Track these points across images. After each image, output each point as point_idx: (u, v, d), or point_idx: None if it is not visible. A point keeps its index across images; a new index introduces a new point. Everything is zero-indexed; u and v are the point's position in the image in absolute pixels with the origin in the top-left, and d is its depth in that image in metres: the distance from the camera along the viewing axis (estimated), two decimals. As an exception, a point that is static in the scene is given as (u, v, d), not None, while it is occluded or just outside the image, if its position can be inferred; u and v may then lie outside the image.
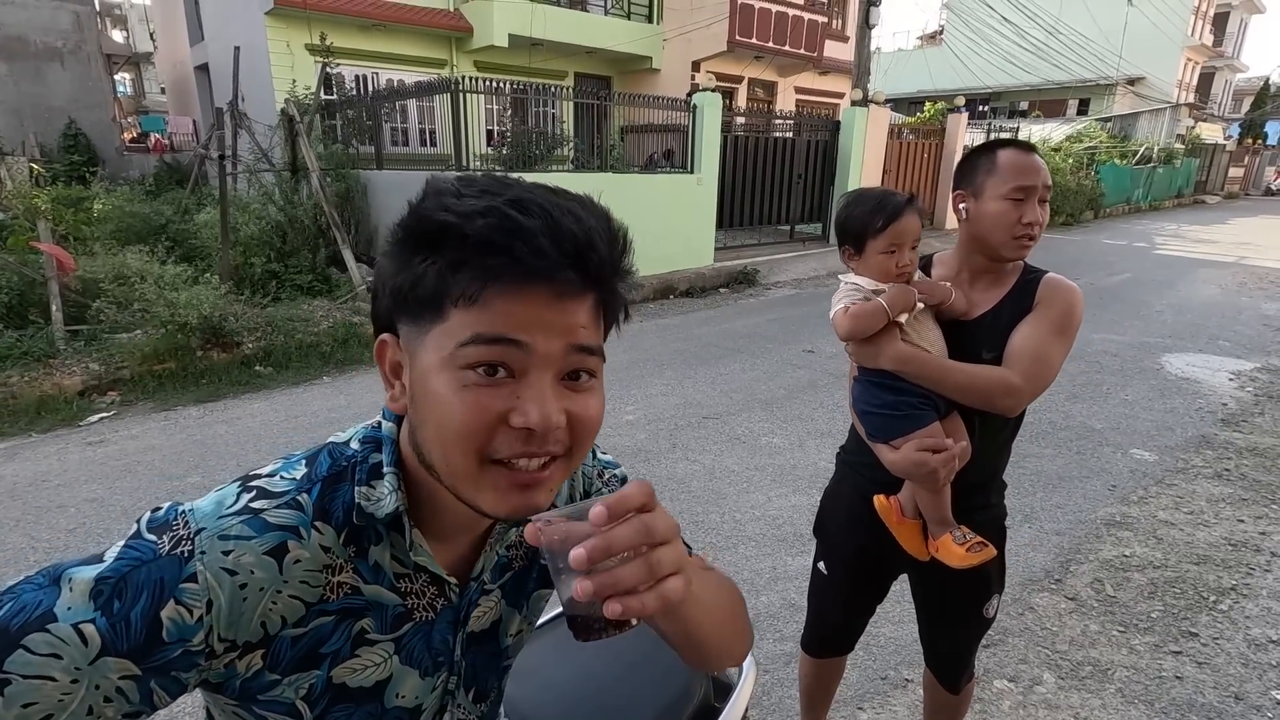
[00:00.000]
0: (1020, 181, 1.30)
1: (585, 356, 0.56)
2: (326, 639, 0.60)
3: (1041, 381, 1.31)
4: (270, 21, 10.56)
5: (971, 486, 1.44)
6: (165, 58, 18.22)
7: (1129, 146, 21.28)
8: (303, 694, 0.60)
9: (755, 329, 6.71)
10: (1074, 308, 1.35)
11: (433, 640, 0.67)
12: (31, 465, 3.72)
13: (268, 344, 5.44)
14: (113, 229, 7.82)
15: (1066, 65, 23.95)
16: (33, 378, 4.64)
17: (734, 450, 3.94)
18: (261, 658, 0.57)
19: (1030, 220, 1.31)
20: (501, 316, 0.52)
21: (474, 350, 0.52)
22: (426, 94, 8.06)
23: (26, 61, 12.49)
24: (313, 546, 0.57)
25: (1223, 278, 9.81)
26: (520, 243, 0.50)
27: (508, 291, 0.52)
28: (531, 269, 0.51)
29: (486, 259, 0.51)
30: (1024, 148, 1.34)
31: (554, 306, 0.53)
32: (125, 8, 24.71)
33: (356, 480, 0.60)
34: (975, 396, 1.30)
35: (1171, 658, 2.34)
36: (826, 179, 11.24)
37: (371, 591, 0.61)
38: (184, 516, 0.55)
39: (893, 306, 1.28)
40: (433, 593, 0.65)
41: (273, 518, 0.56)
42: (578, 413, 0.56)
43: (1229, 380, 5.31)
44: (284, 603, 0.56)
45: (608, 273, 0.55)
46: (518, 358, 0.53)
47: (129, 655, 0.50)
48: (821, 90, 17.75)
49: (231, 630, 0.54)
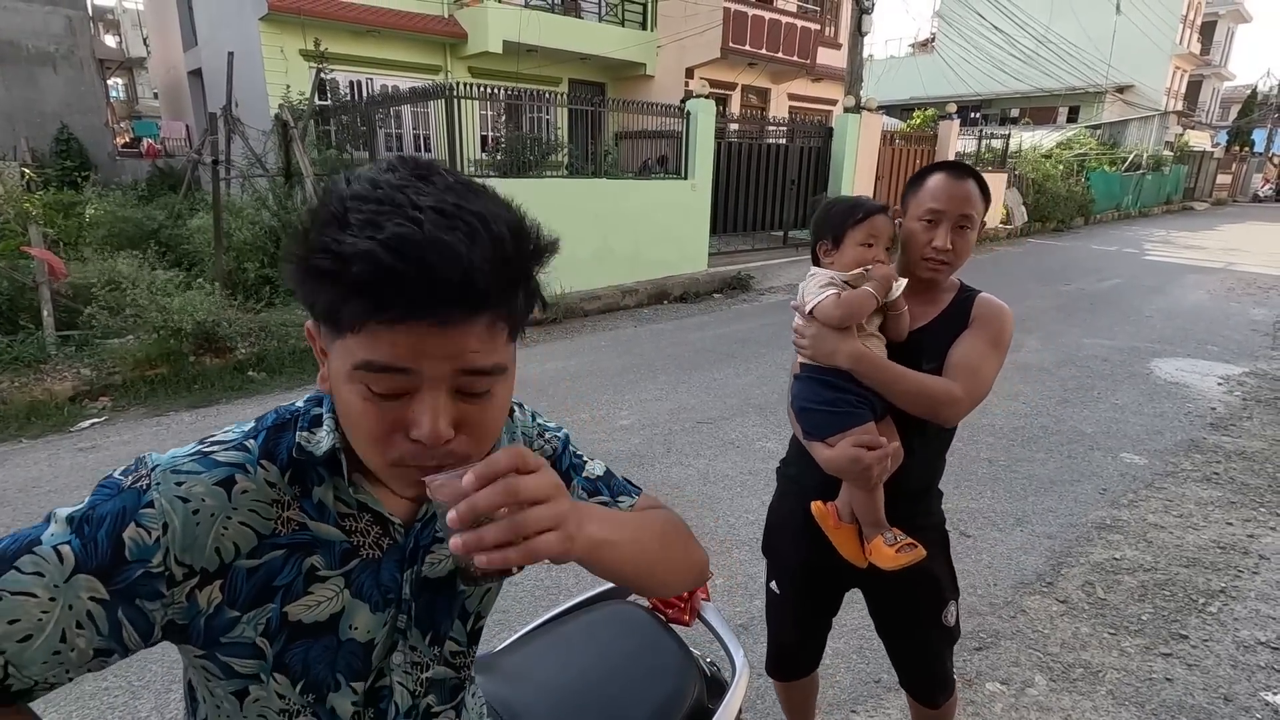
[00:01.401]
0: (931, 204, 1.36)
1: (476, 378, 0.58)
2: (278, 572, 0.64)
3: (979, 393, 1.35)
4: (264, 27, 10.56)
5: (913, 495, 1.47)
6: (158, 63, 18.18)
7: (1118, 153, 21.47)
8: (261, 630, 0.64)
9: (749, 334, 6.73)
10: (1006, 326, 1.41)
11: (380, 577, 0.69)
12: (22, 471, 3.69)
13: (261, 349, 5.43)
14: (105, 234, 7.77)
15: (1056, 73, 24.20)
16: (23, 383, 4.61)
17: (728, 455, 3.95)
18: (220, 589, 0.62)
19: (938, 245, 1.35)
20: (386, 346, 0.54)
21: (365, 374, 0.56)
22: (421, 100, 8.07)
23: (18, 66, 12.43)
24: (259, 481, 0.63)
25: (1211, 283, 9.90)
26: (391, 289, 0.51)
27: (389, 326, 0.54)
28: (407, 310, 0.53)
29: (364, 299, 0.52)
30: (958, 173, 1.37)
31: (438, 336, 0.54)
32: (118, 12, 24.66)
33: (299, 427, 0.66)
34: (922, 403, 1.33)
35: (1162, 660, 2.36)
36: (820, 185, 11.31)
37: (318, 529, 0.66)
38: (145, 461, 0.62)
39: (880, 291, 1.32)
40: (377, 531, 0.69)
41: (221, 457, 0.63)
42: (475, 421, 0.60)
43: (1218, 385, 5.36)
44: (235, 530, 0.61)
45: (494, 297, 0.55)
46: (405, 382, 0.56)
47: (97, 573, 0.56)
48: (814, 97, 17.86)
49: (188, 554, 0.59)
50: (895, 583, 1.44)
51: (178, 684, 2.19)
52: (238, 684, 0.65)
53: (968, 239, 1.39)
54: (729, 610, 2.56)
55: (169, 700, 2.13)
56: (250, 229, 7.38)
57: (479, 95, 7.27)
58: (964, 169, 1.39)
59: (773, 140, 10.98)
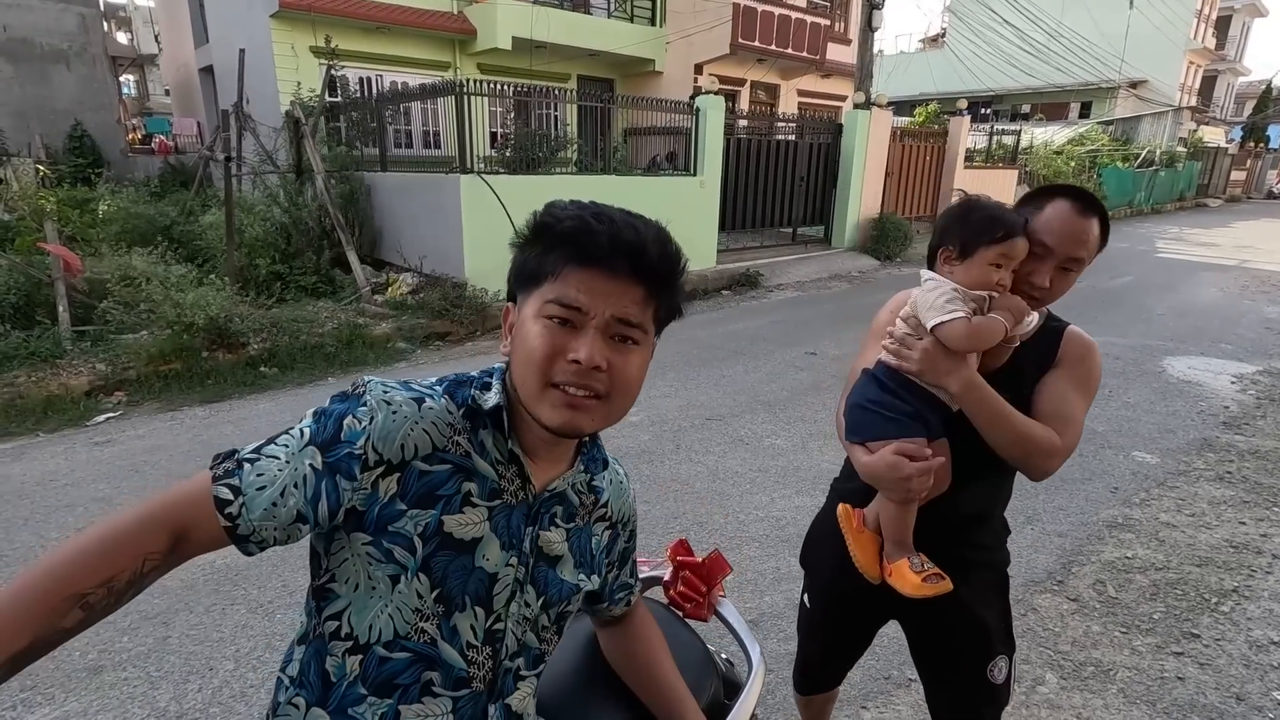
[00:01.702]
0: (1045, 238, 1.21)
1: (626, 328, 0.79)
2: (443, 484, 0.80)
3: (1074, 446, 1.24)
4: (275, 24, 10.59)
5: (962, 523, 1.34)
6: (170, 60, 18.28)
7: (1131, 149, 21.28)
8: (419, 530, 0.79)
9: (758, 331, 6.73)
10: (1096, 367, 1.29)
11: (511, 521, 0.85)
12: (39, 465, 3.74)
13: (272, 345, 5.47)
14: (118, 230, 7.84)
15: (1069, 68, 23.97)
16: (40, 378, 4.67)
17: (737, 452, 3.95)
18: (397, 482, 0.78)
19: (1036, 282, 1.22)
20: (572, 288, 0.77)
21: (552, 307, 0.77)
22: (430, 96, 8.07)
23: (32, 64, 12.54)
24: (440, 406, 0.82)
25: (1225, 281, 9.82)
26: (588, 238, 0.77)
27: (578, 270, 0.77)
28: (594, 256, 0.77)
29: (567, 247, 0.77)
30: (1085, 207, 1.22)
31: (608, 285, 0.77)
32: (130, 10, 24.80)
33: (474, 387, 0.85)
34: (1020, 449, 1.20)
35: (1173, 659, 2.36)
36: (829, 182, 11.26)
37: (477, 462, 0.83)
38: (363, 380, 0.82)
39: (1011, 323, 1.19)
40: (517, 485, 0.85)
41: (416, 386, 0.83)
42: (617, 364, 0.78)
43: (1231, 383, 5.32)
44: (418, 434, 0.79)
45: (654, 272, 0.79)
46: (578, 317, 0.77)
47: (320, 445, 0.77)
48: (824, 93, 17.76)
49: (382, 444, 0.77)
50: (935, 622, 1.33)
51: (195, 675, 2.23)
52: (394, 569, 0.79)
53: (1069, 281, 1.24)
54: (739, 606, 2.57)
55: (186, 691, 2.16)
56: (262, 225, 7.44)
57: (488, 92, 7.28)
58: (1092, 203, 1.23)
59: (782, 137, 10.93)
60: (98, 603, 0.69)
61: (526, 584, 0.86)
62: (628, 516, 1.02)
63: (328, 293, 7.13)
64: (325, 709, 0.81)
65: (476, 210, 6.94)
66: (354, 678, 0.80)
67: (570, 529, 0.92)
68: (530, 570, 0.87)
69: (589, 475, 0.94)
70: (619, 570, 1.02)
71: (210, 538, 0.75)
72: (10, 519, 3.16)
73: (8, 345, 4.94)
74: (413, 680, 0.80)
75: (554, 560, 0.90)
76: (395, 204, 8.16)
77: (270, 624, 2.47)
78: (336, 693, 0.80)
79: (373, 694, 0.80)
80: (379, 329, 6.16)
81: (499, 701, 0.87)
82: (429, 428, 0.80)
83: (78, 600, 0.68)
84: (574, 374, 0.76)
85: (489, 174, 7.17)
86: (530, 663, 0.90)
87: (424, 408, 0.80)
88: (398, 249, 8.03)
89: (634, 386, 0.81)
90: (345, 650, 0.80)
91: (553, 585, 0.89)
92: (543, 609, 0.89)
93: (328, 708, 0.80)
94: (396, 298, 7.01)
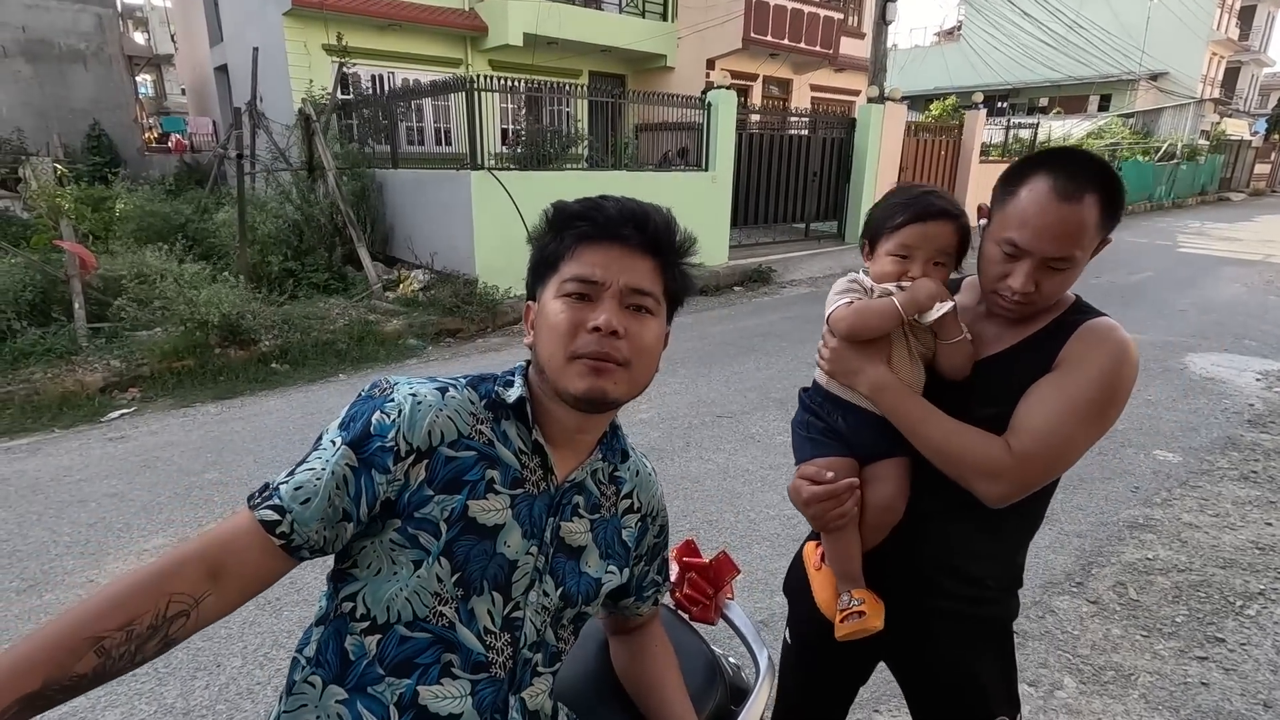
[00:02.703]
0: (1014, 234, 0.99)
1: (640, 296, 0.84)
2: (469, 469, 0.83)
3: (1044, 465, 0.99)
4: (288, 22, 10.64)
5: (938, 563, 1.12)
6: (185, 59, 18.45)
7: (1151, 143, 20.94)
8: (445, 515, 0.81)
9: (770, 327, 6.67)
10: (1118, 371, 0.98)
11: (534, 510, 0.86)
12: (54, 460, 3.77)
13: (284, 342, 5.49)
14: (133, 228, 7.92)
15: (1088, 60, 23.63)
16: (55, 374, 4.71)
17: (748, 449, 3.91)
18: (425, 468, 0.81)
19: (1015, 286, 1.00)
20: (586, 264, 0.83)
21: (570, 285, 0.83)
22: (441, 93, 8.08)
23: (50, 64, 12.68)
24: (464, 395, 0.86)
25: (1248, 276, 9.62)
26: (597, 213, 0.84)
27: (590, 246, 0.84)
28: (603, 228, 0.84)
29: (578, 225, 0.84)
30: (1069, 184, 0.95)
31: (621, 257, 0.84)
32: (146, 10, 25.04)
33: (497, 383, 0.90)
34: (949, 463, 1.02)
35: (1197, 663, 2.29)
36: (842, 177, 11.15)
37: (500, 451, 0.85)
38: (386, 379, 0.85)
39: (908, 305, 1.03)
40: (539, 475, 0.87)
41: (440, 380, 0.87)
42: (634, 331, 0.83)
43: (1256, 380, 5.20)
44: (443, 421, 0.82)
45: (660, 241, 0.86)
46: (595, 289, 0.82)
47: (353, 445, 0.79)
48: (837, 88, 17.61)
49: (411, 433, 0.80)
50: (920, 673, 1.18)
51: (203, 671, 2.22)
52: (418, 554, 0.80)
53: (1063, 281, 1.01)
54: (749, 606, 2.53)
55: (193, 687, 2.16)
56: (274, 222, 7.47)
57: (499, 88, 7.26)
58: (1084, 175, 0.95)
59: (794, 132, 10.83)
60: (115, 648, 0.68)
61: (545, 573, 0.87)
62: (657, 509, 1.02)
63: (339, 290, 7.15)
64: (343, 687, 0.80)
65: (487, 207, 6.93)
66: (372, 657, 0.80)
67: (595, 520, 0.93)
68: (550, 560, 0.88)
69: (610, 466, 0.95)
70: (647, 565, 1.02)
71: (250, 571, 0.76)
72: (25, 514, 3.18)
73: (24, 342, 4.99)
74: (433, 660, 0.80)
75: (576, 552, 0.91)
76: (406, 201, 8.17)
77: (278, 621, 2.47)
78: (355, 671, 0.80)
79: (391, 674, 0.79)
80: (390, 326, 6.17)
81: (517, 694, 0.86)
82: (453, 414, 0.83)
83: (93, 643, 0.67)
84: (595, 341, 0.80)
85: (500, 170, 7.16)
86: (548, 659, 0.90)
87: (448, 396, 0.84)
88: (409, 246, 8.04)
89: (653, 355, 0.86)
90: (364, 630, 0.81)
91: (571, 578, 0.90)
92: (561, 600, 0.89)
93: (345, 685, 0.80)
94: (408, 294, 7.02)
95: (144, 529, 3.06)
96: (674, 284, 0.88)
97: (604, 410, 0.87)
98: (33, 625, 2.44)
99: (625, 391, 0.84)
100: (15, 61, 12.31)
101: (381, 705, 0.79)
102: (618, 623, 1.07)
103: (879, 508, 1.08)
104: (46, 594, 2.61)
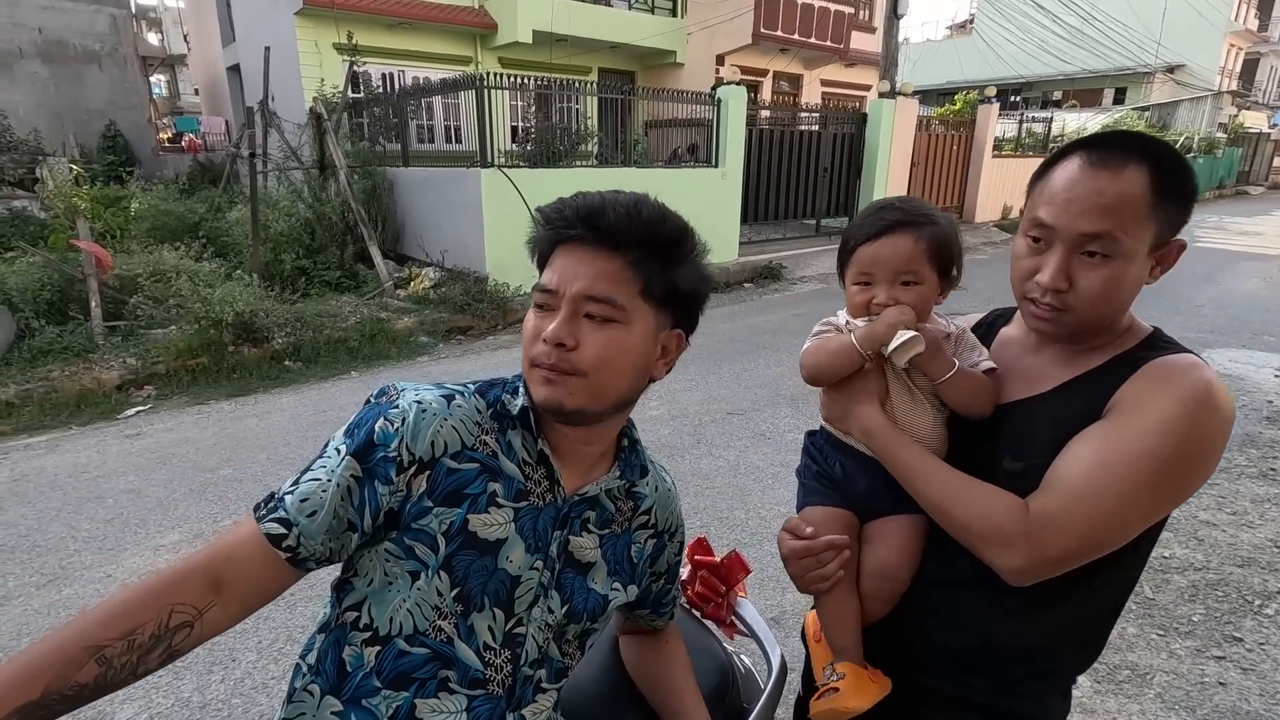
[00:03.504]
0: (1042, 212, 0.83)
1: (593, 304, 0.77)
2: (470, 482, 0.80)
3: (1076, 536, 0.77)
4: (299, 21, 10.70)
5: (954, 655, 0.93)
6: (198, 59, 18.59)
7: (1167, 136, 20.65)
8: (444, 528, 0.79)
9: (780, 324, 6.64)
10: (1192, 420, 0.76)
11: (538, 524, 0.84)
12: (71, 457, 3.82)
13: (297, 339, 5.53)
14: (148, 227, 8.00)
15: (1103, 53, 23.32)
16: (73, 372, 4.77)
17: (759, 446, 3.90)
18: (426, 480, 0.79)
19: (1044, 280, 0.83)
20: (549, 271, 0.80)
21: (536, 295, 0.81)
22: (451, 91, 8.09)
23: (66, 65, 12.83)
24: (470, 404, 0.83)
25: (1268, 271, 9.48)
26: (556, 215, 0.80)
27: (557, 253, 0.80)
28: (560, 232, 0.79)
29: (545, 230, 0.81)
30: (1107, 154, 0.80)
31: (576, 261, 0.78)
32: (160, 10, 25.25)
33: (505, 390, 0.87)
34: (953, 524, 0.85)
35: (1214, 663, 2.27)
36: (853, 173, 11.09)
37: (503, 463, 0.83)
38: (394, 385, 0.84)
39: (863, 340, 0.92)
40: (545, 486, 0.85)
41: (448, 386, 0.85)
42: (588, 341, 0.77)
43: (1275, 377, 5.13)
44: (447, 431, 0.80)
45: (620, 239, 0.78)
46: (553, 299, 0.79)
47: (356, 455, 0.77)
48: (848, 82, 17.51)
49: (414, 443, 0.78)
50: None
51: (219, 665, 2.25)
52: (414, 565, 0.79)
53: (1106, 278, 0.80)
54: (760, 604, 2.53)
55: (210, 681, 2.18)
56: (286, 221, 7.52)
57: (509, 85, 7.26)
58: (1123, 145, 0.79)
59: (805, 127, 10.78)
60: (116, 658, 0.68)
61: (551, 589, 0.85)
62: (675, 527, 0.99)
63: (351, 287, 7.19)
64: (339, 698, 0.80)
65: (497, 204, 6.94)
66: (370, 669, 0.79)
67: (605, 535, 0.90)
68: (556, 575, 0.85)
69: (627, 482, 0.91)
70: (668, 583, 1.01)
71: (254, 583, 0.76)
72: (44, 510, 3.23)
73: (43, 340, 5.06)
74: (429, 676, 0.79)
75: (585, 567, 0.88)
76: (417, 199, 8.20)
77: (292, 616, 2.49)
78: (351, 683, 0.80)
79: (388, 686, 0.78)
80: (401, 323, 6.20)
81: (516, 711, 0.84)
82: (457, 424, 0.80)
83: (94, 653, 0.67)
84: (545, 353, 0.78)
85: (510, 168, 7.17)
86: (552, 676, 0.88)
87: (453, 405, 0.81)
88: (420, 244, 8.07)
89: (614, 362, 0.79)
90: (364, 641, 0.80)
91: (579, 594, 0.87)
92: (567, 618, 0.86)
93: (341, 697, 0.80)
94: (418, 292, 7.05)
95: (160, 525, 3.10)
96: (659, 280, 0.79)
97: (579, 422, 0.82)
98: (52, 620, 2.47)
99: (586, 400, 0.78)
100: (32, 63, 12.45)
101: (375, 718, 0.78)
102: (630, 624, 1.07)
103: (873, 574, 0.94)
104: (65, 589, 2.65)
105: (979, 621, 0.90)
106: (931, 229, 0.92)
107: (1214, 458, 0.78)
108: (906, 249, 0.92)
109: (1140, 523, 0.80)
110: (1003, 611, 0.88)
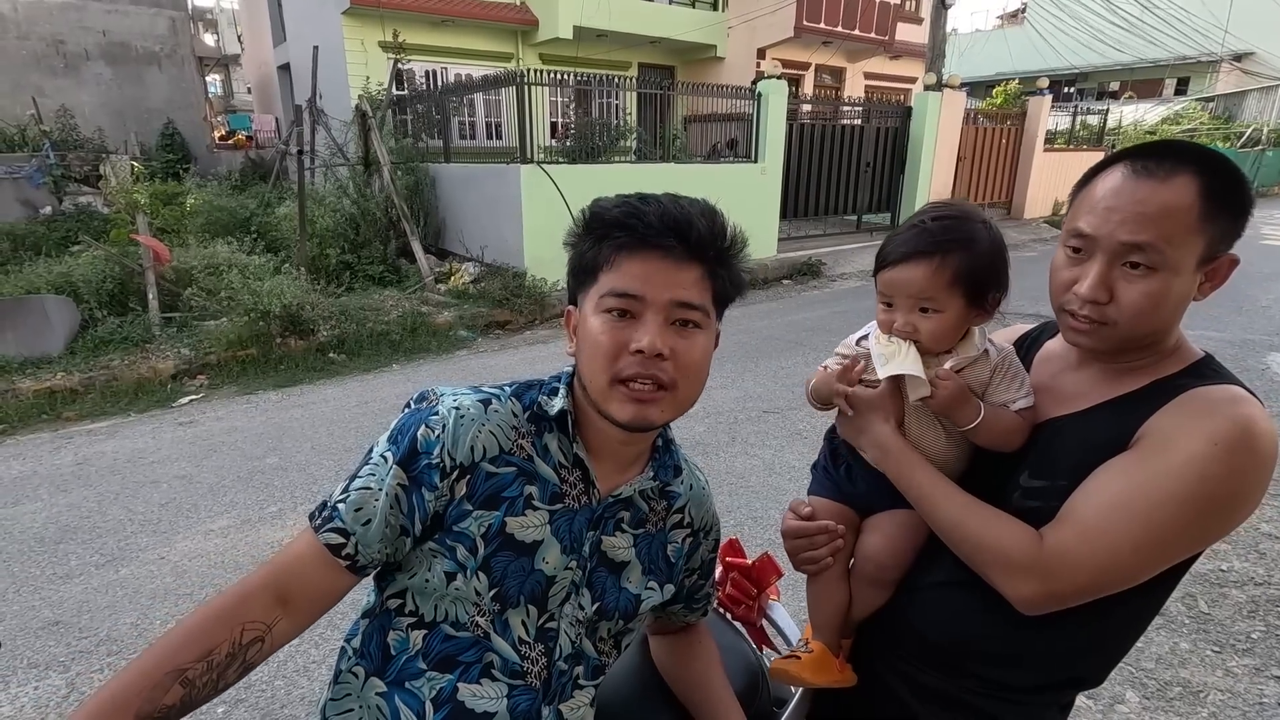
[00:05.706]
0: (1082, 223, 0.80)
1: (687, 310, 0.78)
2: (508, 486, 0.82)
3: (1088, 573, 0.75)
4: (346, 21, 10.96)
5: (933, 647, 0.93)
6: (251, 59, 19.18)
7: (1234, 128, 19.68)
8: (483, 531, 0.80)
9: (819, 322, 6.55)
10: (1225, 461, 0.70)
11: (574, 525, 0.85)
12: (130, 443, 4.00)
13: (341, 332, 5.67)
14: (203, 222, 8.30)
15: (1163, 41, 22.28)
16: (131, 361, 4.99)
17: (795, 445, 3.86)
18: (466, 484, 0.80)
19: (1083, 293, 0.79)
20: (626, 276, 0.77)
21: (609, 300, 0.78)
22: (493, 88, 8.18)
23: (128, 66, 13.36)
24: (507, 408, 0.84)
25: (1341, 270, 8.96)
26: (637, 220, 0.77)
27: (631, 256, 0.78)
28: (644, 238, 0.77)
29: (617, 234, 0.78)
30: (1152, 164, 0.76)
31: (663, 268, 0.77)
32: (216, 12, 26.12)
33: (541, 391, 0.87)
34: (965, 549, 0.84)
35: (1274, 683, 2.16)
36: (896, 168, 10.86)
37: (539, 466, 0.83)
38: (433, 391, 0.85)
39: (812, 393, 1.02)
40: (580, 489, 0.85)
41: (484, 390, 0.86)
42: (681, 350, 0.78)
43: (1347, 383, 4.85)
44: (485, 436, 0.81)
45: (706, 248, 0.79)
46: (636, 305, 0.77)
47: (402, 464, 0.79)
48: (892, 75, 17.12)
49: (455, 449, 0.79)
50: None
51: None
52: (452, 565, 0.80)
53: (1149, 292, 0.76)
54: (792, 606, 2.50)
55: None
56: (332, 216, 7.72)
57: (549, 81, 7.31)
58: (1171, 154, 0.76)
59: (847, 121, 10.59)
60: (198, 678, 0.72)
61: (582, 586, 0.86)
62: (710, 524, 1.00)
63: (393, 282, 7.34)
64: (383, 679, 0.82)
65: (536, 200, 7.00)
66: (415, 652, 0.81)
67: (639, 535, 0.91)
68: (588, 574, 0.87)
69: (660, 482, 0.91)
70: (702, 579, 1.01)
71: (317, 592, 0.80)
72: (104, 494, 3.38)
73: (104, 330, 5.30)
74: (475, 660, 0.81)
75: (618, 567, 0.89)
76: (458, 195, 8.32)
77: (333, 602, 2.56)
78: (395, 665, 0.82)
79: (432, 669, 0.81)
80: (441, 317, 6.31)
81: (553, 705, 0.85)
82: (495, 429, 0.81)
83: (177, 675, 0.71)
84: (638, 365, 0.76)
85: (549, 164, 7.21)
86: (589, 673, 0.89)
87: (490, 410, 0.82)
88: (460, 239, 8.19)
89: (700, 372, 0.81)
90: (410, 625, 0.82)
91: (610, 593, 0.88)
92: (597, 615, 0.88)
93: (385, 679, 0.82)
94: (458, 287, 7.16)
95: (210, 510, 3.22)
96: (723, 288, 0.83)
97: (650, 431, 0.84)
98: (110, 599, 2.59)
99: (671, 414, 0.81)
100: (96, 64, 13.00)
101: (418, 700, 0.80)
102: (660, 624, 1.07)
103: (862, 556, 0.99)
104: (123, 569, 2.77)
105: (970, 622, 0.90)
106: (960, 255, 0.87)
107: (1251, 501, 0.73)
108: (925, 279, 0.88)
109: (1161, 563, 0.76)
110: (999, 618, 0.86)
